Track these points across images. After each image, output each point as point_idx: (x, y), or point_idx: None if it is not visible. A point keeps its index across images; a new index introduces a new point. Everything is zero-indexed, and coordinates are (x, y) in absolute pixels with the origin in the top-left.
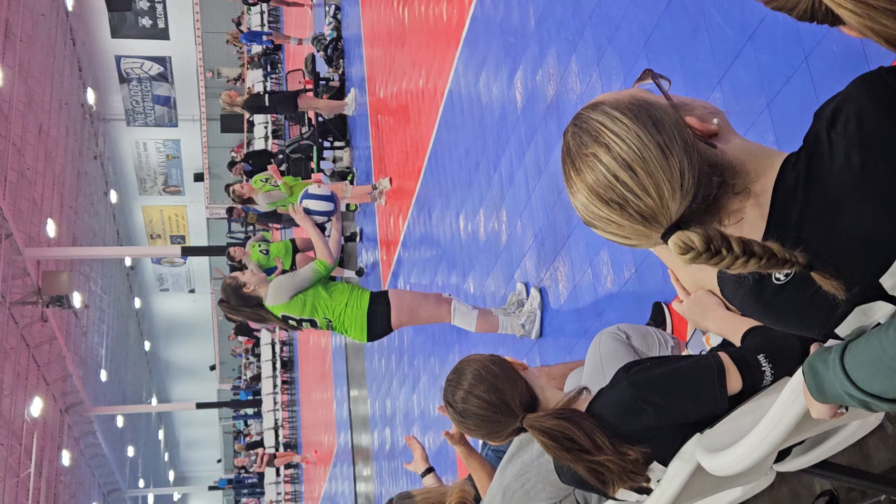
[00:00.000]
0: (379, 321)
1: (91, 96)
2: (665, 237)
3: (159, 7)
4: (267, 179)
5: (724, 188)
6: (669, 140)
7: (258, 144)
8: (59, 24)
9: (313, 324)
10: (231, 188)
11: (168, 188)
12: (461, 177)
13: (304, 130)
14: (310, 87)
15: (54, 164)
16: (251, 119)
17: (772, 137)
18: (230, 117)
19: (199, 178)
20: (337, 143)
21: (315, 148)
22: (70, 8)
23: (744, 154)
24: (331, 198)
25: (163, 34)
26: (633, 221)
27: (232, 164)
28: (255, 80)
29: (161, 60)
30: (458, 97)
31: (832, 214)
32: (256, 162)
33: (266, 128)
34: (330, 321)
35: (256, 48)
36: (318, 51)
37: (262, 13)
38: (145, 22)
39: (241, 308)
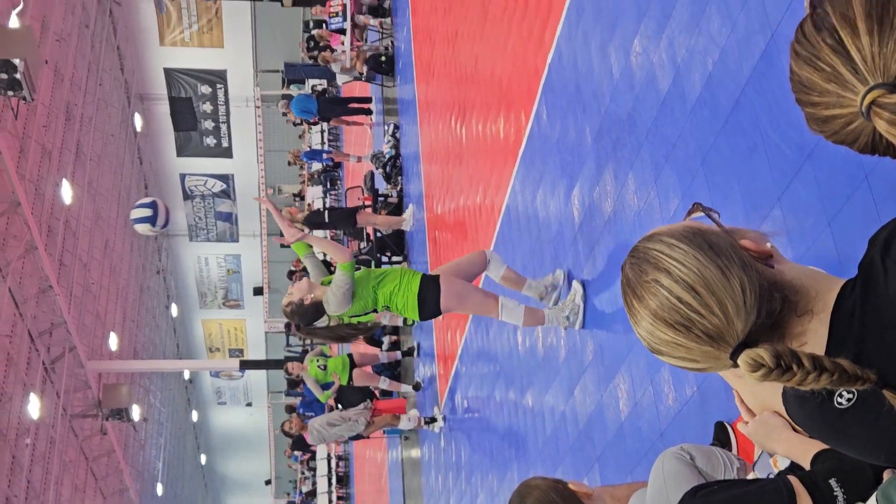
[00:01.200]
0: (429, 303)
1: None
2: (734, 356)
3: (223, 127)
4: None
5: (786, 305)
6: (728, 260)
7: None
8: (127, 144)
9: (374, 311)
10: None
11: (228, 302)
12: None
13: (362, 246)
14: (368, 203)
15: (118, 279)
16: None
17: (834, 257)
18: None
19: (258, 292)
20: (395, 258)
21: (373, 263)
22: (139, 129)
23: (801, 275)
24: None
25: (226, 153)
26: (701, 343)
27: (291, 274)
28: (314, 196)
29: (224, 178)
30: (515, 213)
31: (890, 340)
32: None
33: None
34: (387, 306)
35: (316, 165)
36: (376, 168)
37: (322, 132)
38: (210, 141)
39: (314, 327)
